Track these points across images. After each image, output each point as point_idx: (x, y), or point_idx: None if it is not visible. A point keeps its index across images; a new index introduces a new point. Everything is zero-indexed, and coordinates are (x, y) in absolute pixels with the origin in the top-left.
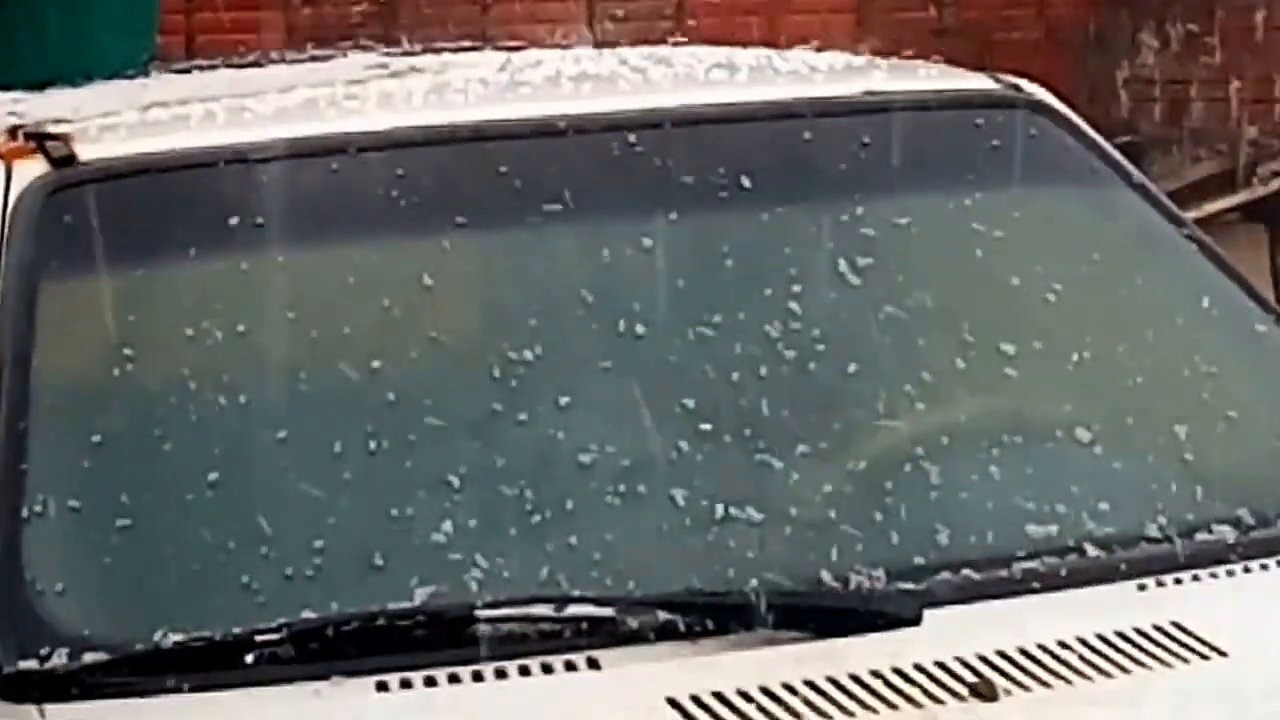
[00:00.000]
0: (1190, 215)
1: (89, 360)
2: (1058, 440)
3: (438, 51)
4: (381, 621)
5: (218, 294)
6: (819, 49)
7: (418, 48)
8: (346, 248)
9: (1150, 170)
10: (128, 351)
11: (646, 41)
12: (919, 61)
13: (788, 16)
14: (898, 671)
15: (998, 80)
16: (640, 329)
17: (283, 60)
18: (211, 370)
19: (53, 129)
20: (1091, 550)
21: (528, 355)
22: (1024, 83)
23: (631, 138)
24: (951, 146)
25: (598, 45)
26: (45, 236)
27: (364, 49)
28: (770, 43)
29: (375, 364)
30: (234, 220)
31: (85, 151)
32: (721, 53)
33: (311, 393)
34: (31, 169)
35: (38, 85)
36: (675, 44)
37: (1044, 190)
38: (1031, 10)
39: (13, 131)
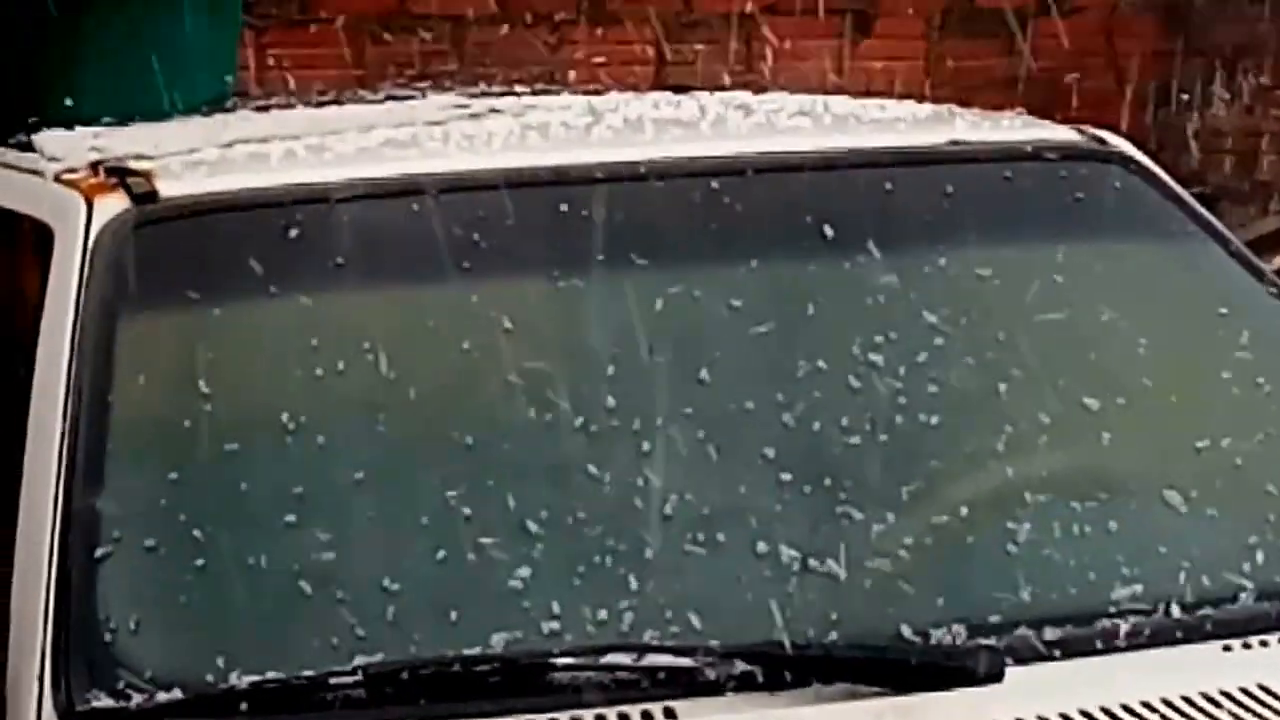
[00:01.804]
0: None
1: (167, 397)
2: (1143, 497)
3: (518, 93)
4: (457, 667)
5: (296, 333)
6: (891, 96)
7: (497, 89)
8: (427, 289)
9: (1221, 222)
10: (206, 389)
11: (719, 86)
12: (1004, 112)
13: (857, 62)
14: None
15: (1082, 132)
16: (722, 377)
17: (361, 99)
18: (289, 410)
19: (134, 164)
20: (1176, 610)
21: (609, 401)
22: (1108, 135)
23: (714, 184)
24: (1036, 198)
25: (672, 88)
26: (125, 272)
27: (442, 89)
28: (840, 89)
29: (454, 407)
30: (314, 259)
31: (167, 188)
32: (804, 100)
33: (389, 435)
34: (113, 204)
35: (119, 120)
36: (754, 89)
37: (1129, 244)
38: (1102, 60)
39: (94, 166)
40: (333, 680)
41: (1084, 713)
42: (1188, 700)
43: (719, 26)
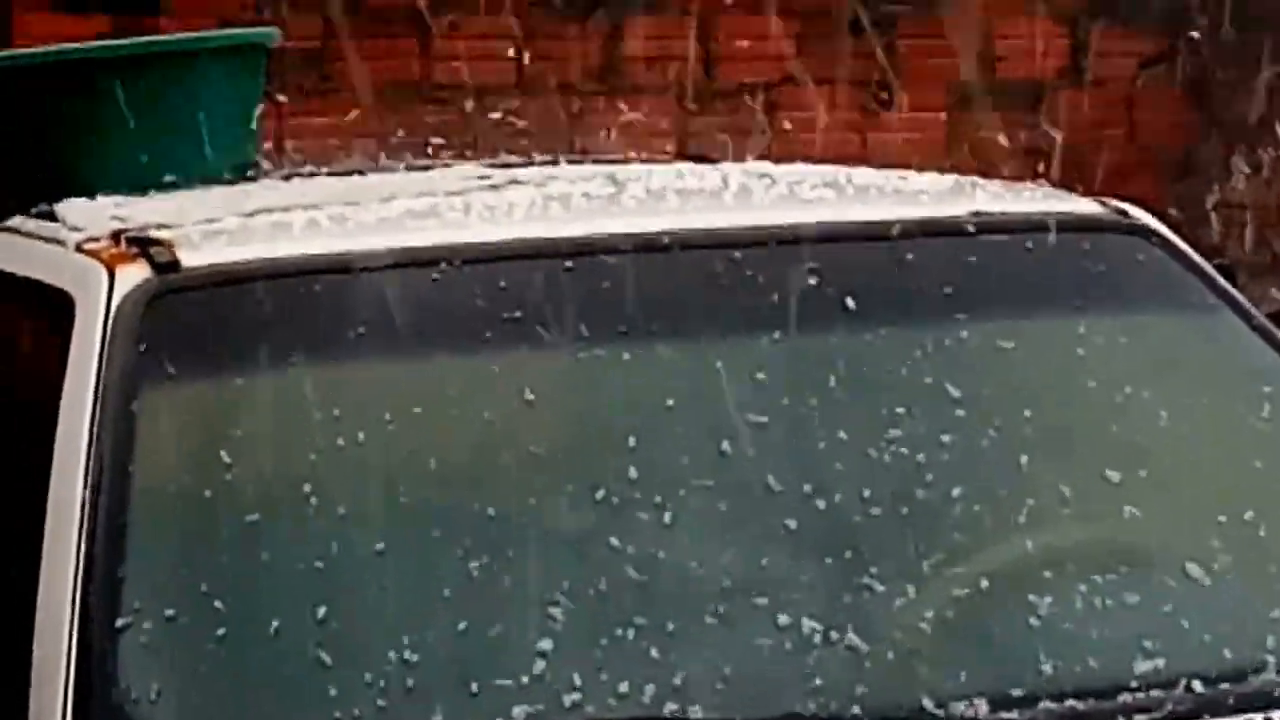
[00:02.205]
0: None
1: (188, 467)
2: (1165, 570)
3: (539, 163)
4: None
5: (318, 403)
6: (912, 166)
7: (518, 159)
8: (448, 360)
9: (1241, 294)
10: (227, 459)
11: (740, 156)
12: (1025, 183)
13: (877, 133)
14: None
15: (1104, 204)
16: (743, 449)
17: (383, 169)
18: (310, 481)
19: (156, 234)
20: (1199, 684)
21: (631, 473)
22: (1130, 207)
23: (736, 255)
24: (1058, 271)
25: (693, 158)
26: (147, 342)
27: (464, 159)
28: (860, 159)
29: (475, 478)
30: (336, 330)
31: (188, 257)
32: (826, 170)
33: (410, 506)
34: (134, 274)
35: (141, 189)
36: (776, 159)
37: (1150, 316)
38: (1122, 131)
39: (116, 236)
40: None
41: None
42: None
43: (740, 96)
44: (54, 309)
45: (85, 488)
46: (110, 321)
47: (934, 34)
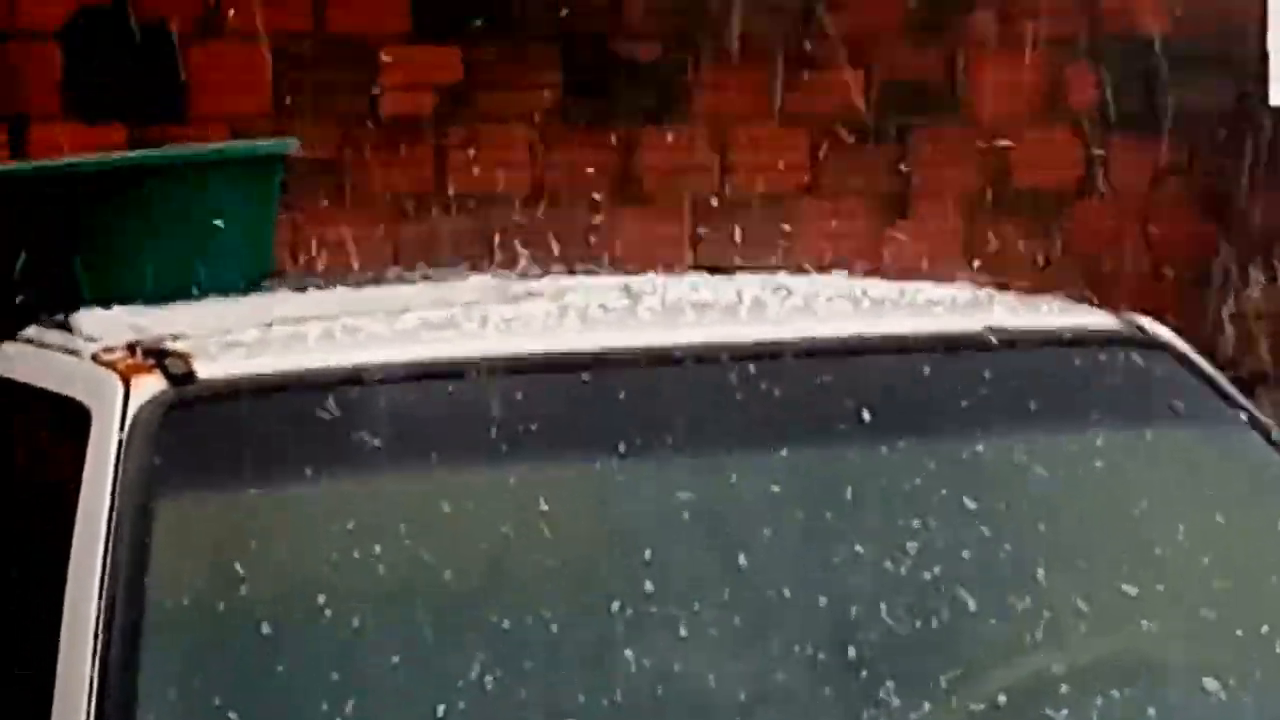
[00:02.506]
0: None
1: (203, 580)
2: (1181, 685)
3: (554, 274)
4: None
5: (334, 516)
6: (927, 276)
7: (534, 270)
8: (465, 472)
9: (1257, 406)
10: (242, 572)
11: (755, 266)
12: (1042, 296)
13: (893, 244)
14: None
15: (1121, 318)
16: (759, 563)
17: (399, 279)
18: (326, 594)
19: (171, 345)
20: None
21: (646, 586)
22: (1147, 321)
23: (752, 368)
24: (1075, 385)
25: (708, 269)
26: (162, 453)
27: (478, 269)
28: (875, 269)
29: (490, 592)
30: (352, 442)
31: (204, 369)
32: (841, 282)
33: (424, 620)
34: (150, 385)
35: (157, 299)
36: (791, 270)
37: (1167, 431)
38: (1138, 243)
39: (131, 347)
40: None
41: None
42: None
43: (755, 206)
44: (70, 420)
45: (100, 599)
46: (126, 433)
47: (949, 144)
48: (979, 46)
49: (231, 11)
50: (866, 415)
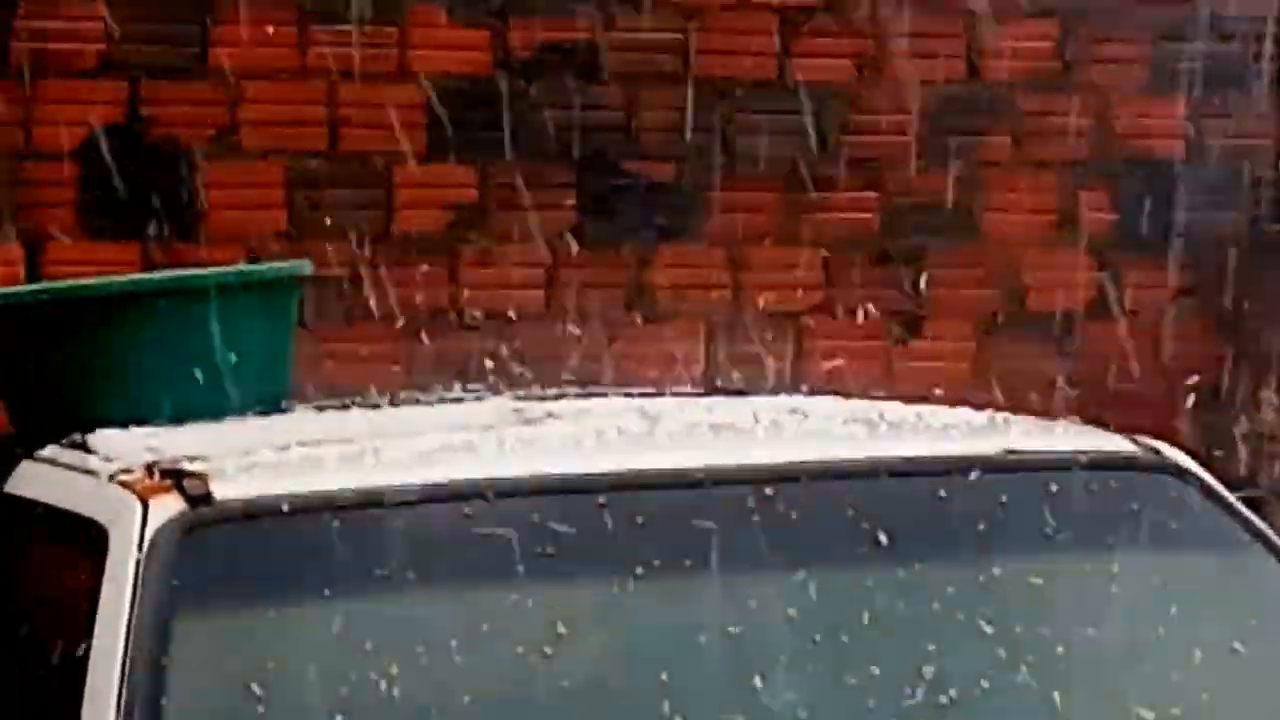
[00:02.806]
0: None
1: (220, 701)
2: None
3: (570, 395)
4: None
5: (350, 638)
6: (940, 396)
7: (551, 391)
8: (482, 595)
9: (1271, 526)
10: (259, 693)
11: (772, 386)
12: (1057, 420)
13: (906, 363)
14: None
15: (1136, 442)
16: (776, 685)
17: (415, 400)
18: (343, 715)
19: (189, 466)
20: None
21: (664, 708)
22: (1163, 445)
23: (769, 491)
24: (1091, 509)
25: (724, 390)
26: (179, 574)
27: (493, 389)
28: (887, 388)
29: (507, 713)
30: (369, 565)
31: (221, 490)
32: (857, 405)
33: None
34: (167, 506)
35: (174, 420)
36: (805, 390)
37: (1183, 555)
38: (1150, 363)
39: (149, 467)
40: None
41: None
42: None
43: (768, 325)
44: (88, 539)
45: (117, 719)
46: (144, 553)
47: (963, 264)
48: (992, 168)
49: (245, 130)
50: (884, 538)
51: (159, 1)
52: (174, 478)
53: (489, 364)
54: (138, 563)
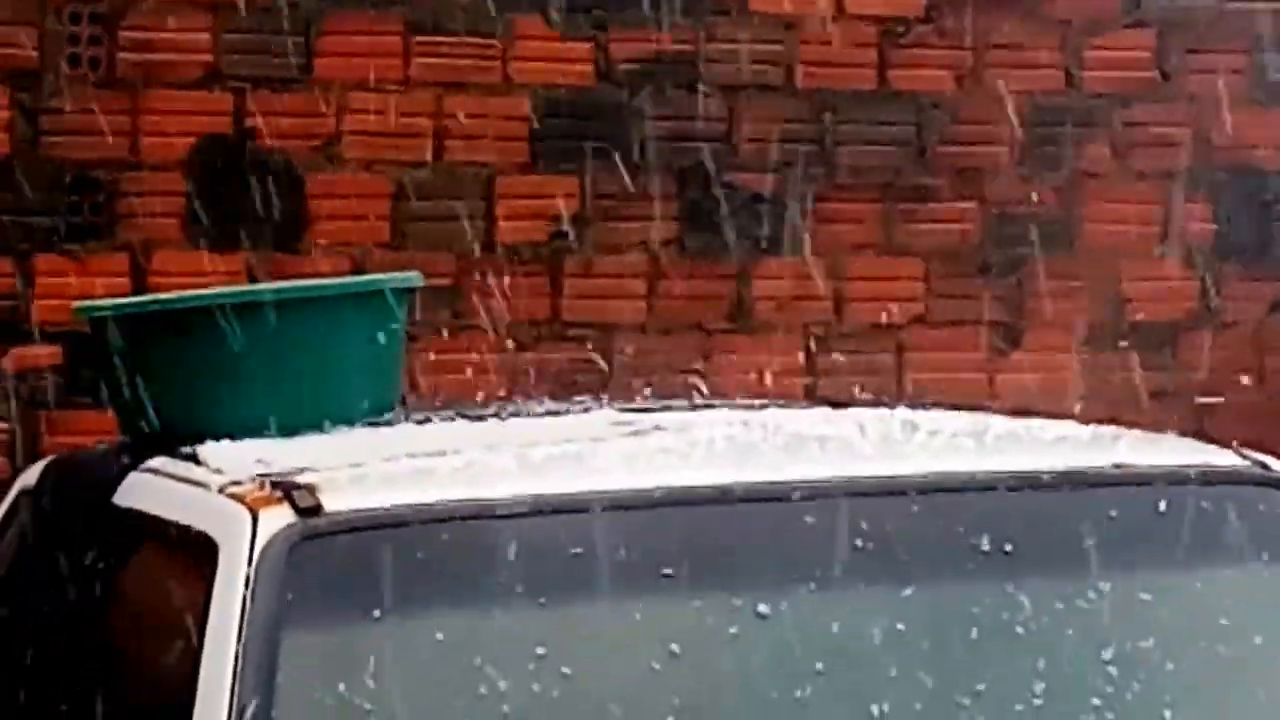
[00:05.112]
0: None
1: (330, 714)
2: None
3: (675, 407)
4: None
5: (461, 651)
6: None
7: (656, 403)
8: (592, 608)
9: None
10: (368, 707)
11: (873, 398)
12: (1158, 432)
13: (1005, 375)
14: None
15: (1244, 456)
16: (887, 702)
17: (520, 412)
18: None
19: (299, 478)
20: None
21: None
22: (1270, 460)
23: (878, 504)
24: (1200, 523)
25: (828, 402)
26: (290, 586)
27: (598, 400)
28: (988, 400)
29: None
30: (478, 576)
31: (331, 502)
32: (965, 418)
33: None
34: (278, 518)
35: (284, 432)
36: (908, 402)
37: None
38: (1250, 374)
39: (259, 479)
40: None
41: None
42: None
43: (868, 336)
44: (197, 552)
45: None
46: (254, 565)
47: (1063, 276)
48: (1092, 179)
49: (349, 141)
50: (995, 552)
51: (264, 13)
52: (284, 489)
53: (591, 376)
54: (248, 575)
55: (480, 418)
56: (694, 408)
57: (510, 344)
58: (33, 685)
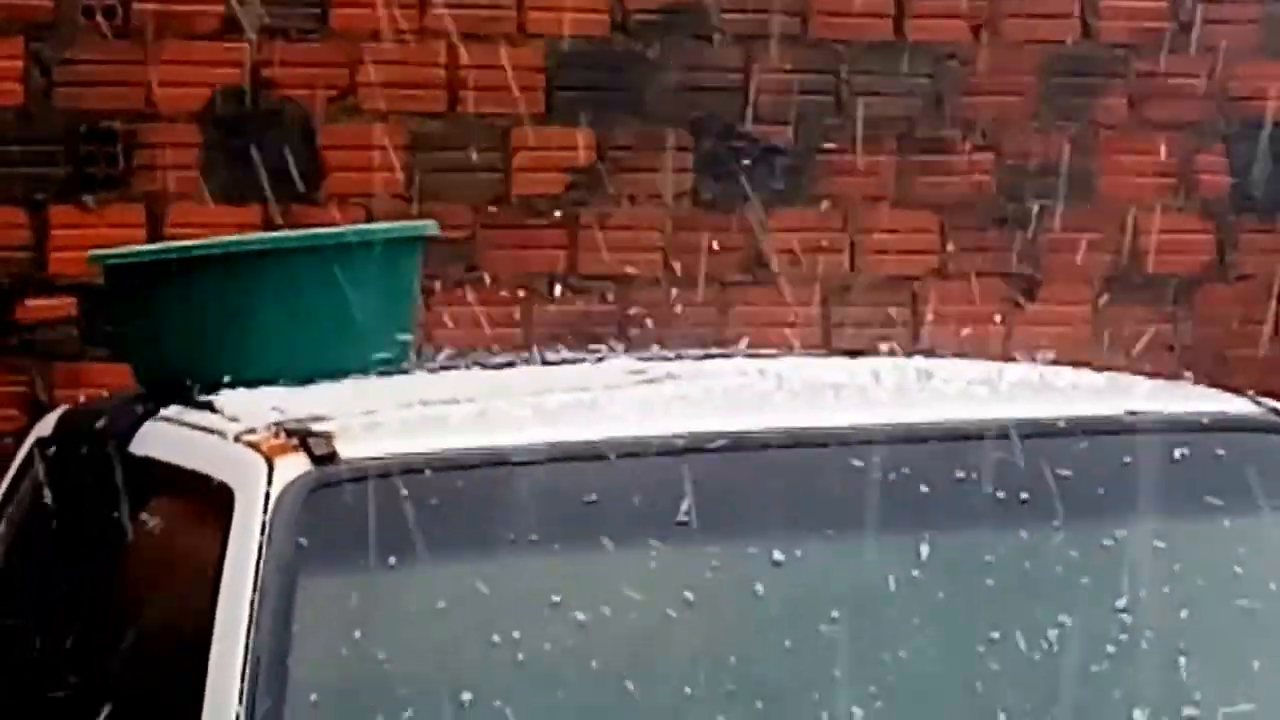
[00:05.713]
0: None
1: (345, 661)
2: None
3: (691, 356)
4: None
5: (475, 598)
6: (1054, 361)
7: (671, 353)
8: (607, 555)
9: None
10: (383, 654)
11: (887, 349)
12: (1176, 381)
13: (1024, 327)
14: None
15: (1259, 403)
16: (901, 647)
17: (535, 361)
18: (467, 676)
19: (314, 426)
20: None
21: (793, 676)
22: None
23: (892, 451)
24: (1214, 470)
25: (844, 352)
26: (305, 533)
27: (614, 351)
28: (1005, 351)
29: (634, 675)
30: (494, 524)
31: (347, 449)
32: (980, 366)
33: (566, 704)
34: (293, 465)
35: (298, 379)
36: (924, 353)
37: None
38: (1267, 326)
39: (275, 427)
40: None
41: None
42: None
43: (883, 288)
44: (213, 499)
45: (242, 679)
46: (270, 513)
47: (1079, 227)
48: (1109, 130)
49: (364, 92)
50: (1008, 499)
51: None
52: (299, 437)
53: (606, 326)
54: (263, 522)
55: (495, 367)
56: (709, 357)
57: (525, 296)
58: (48, 635)
